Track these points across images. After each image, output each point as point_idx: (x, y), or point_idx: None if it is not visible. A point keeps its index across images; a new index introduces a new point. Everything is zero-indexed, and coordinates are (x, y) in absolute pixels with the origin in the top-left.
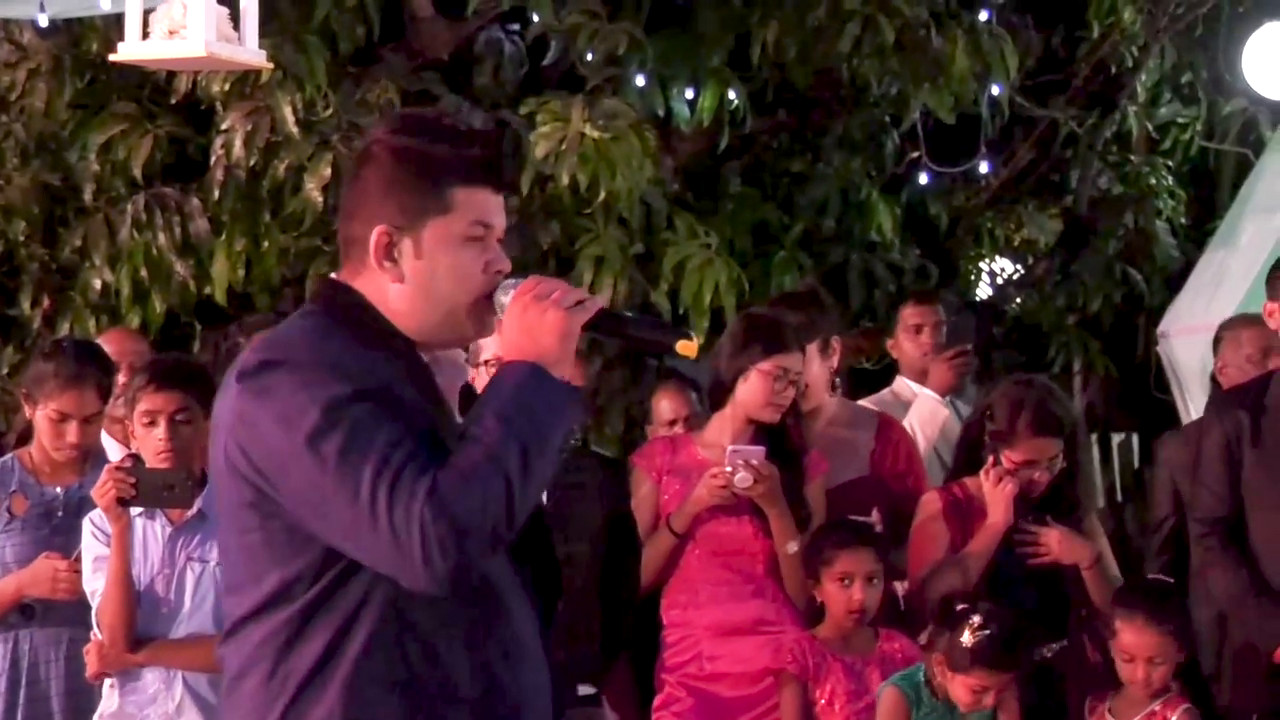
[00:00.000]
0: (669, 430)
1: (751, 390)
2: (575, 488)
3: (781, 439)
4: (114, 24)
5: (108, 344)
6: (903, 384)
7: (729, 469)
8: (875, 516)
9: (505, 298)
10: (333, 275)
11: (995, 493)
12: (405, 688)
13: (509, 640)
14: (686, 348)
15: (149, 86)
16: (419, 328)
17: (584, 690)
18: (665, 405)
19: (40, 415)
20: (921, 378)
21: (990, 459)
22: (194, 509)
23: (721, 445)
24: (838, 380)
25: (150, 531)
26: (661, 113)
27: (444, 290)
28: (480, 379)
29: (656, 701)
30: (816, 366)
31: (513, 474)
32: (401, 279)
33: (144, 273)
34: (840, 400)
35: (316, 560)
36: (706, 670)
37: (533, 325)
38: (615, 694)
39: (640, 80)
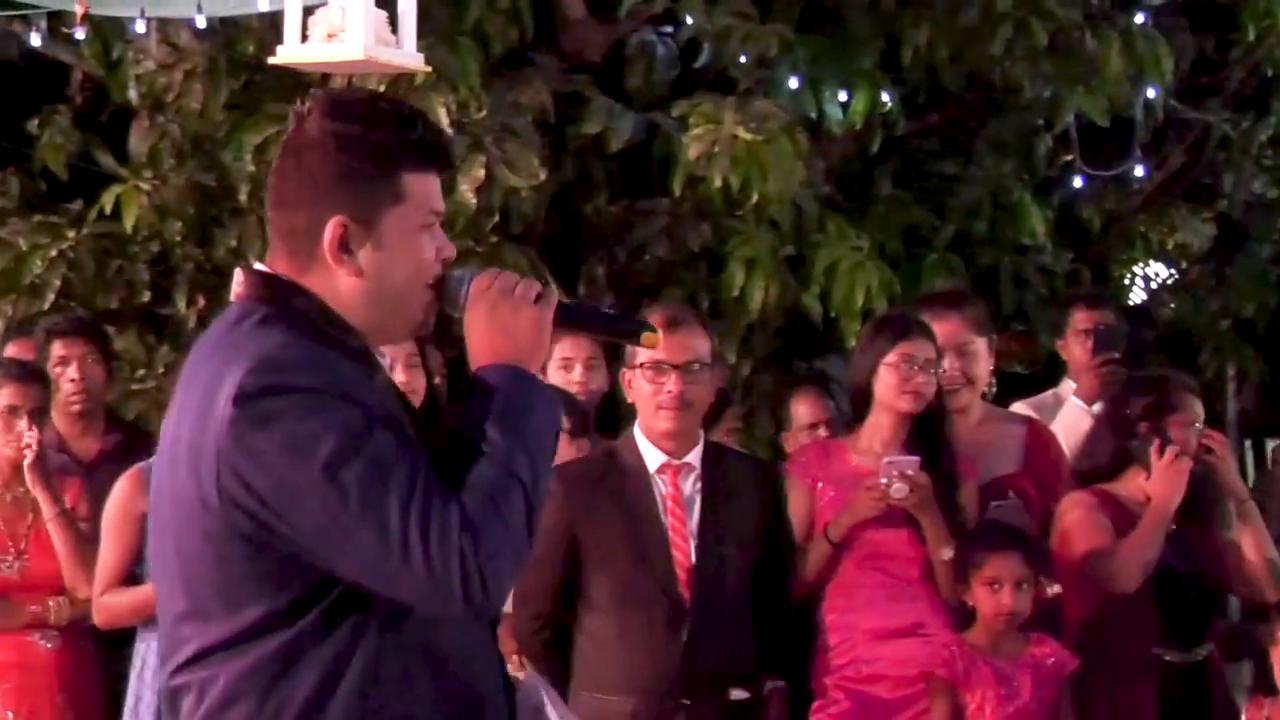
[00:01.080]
0: (808, 434)
1: (885, 384)
2: (730, 491)
3: (933, 443)
4: (269, 26)
5: None
6: (1068, 386)
7: (884, 480)
8: (1014, 502)
9: (462, 292)
10: (266, 270)
11: (1169, 470)
12: (403, 716)
13: (490, 663)
14: (650, 340)
15: (303, 88)
16: (372, 323)
17: (737, 694)
18: (803, 409)
19: None
20: None
21: (1156, 442)
22: None
23: (874, 451)
24: (992, 381)
25: None
26: (813, 115)
27: (400, 282)
28: (637, 382)
29: (815, 704)
30: (983, 363)
31: (527, 485)
32: (359, 273)
33: None
34: (986, 404)
35: (305, 592)
36: (864, 672)
37: (508, 323)
38: (770, 698)
39: (792, 82)
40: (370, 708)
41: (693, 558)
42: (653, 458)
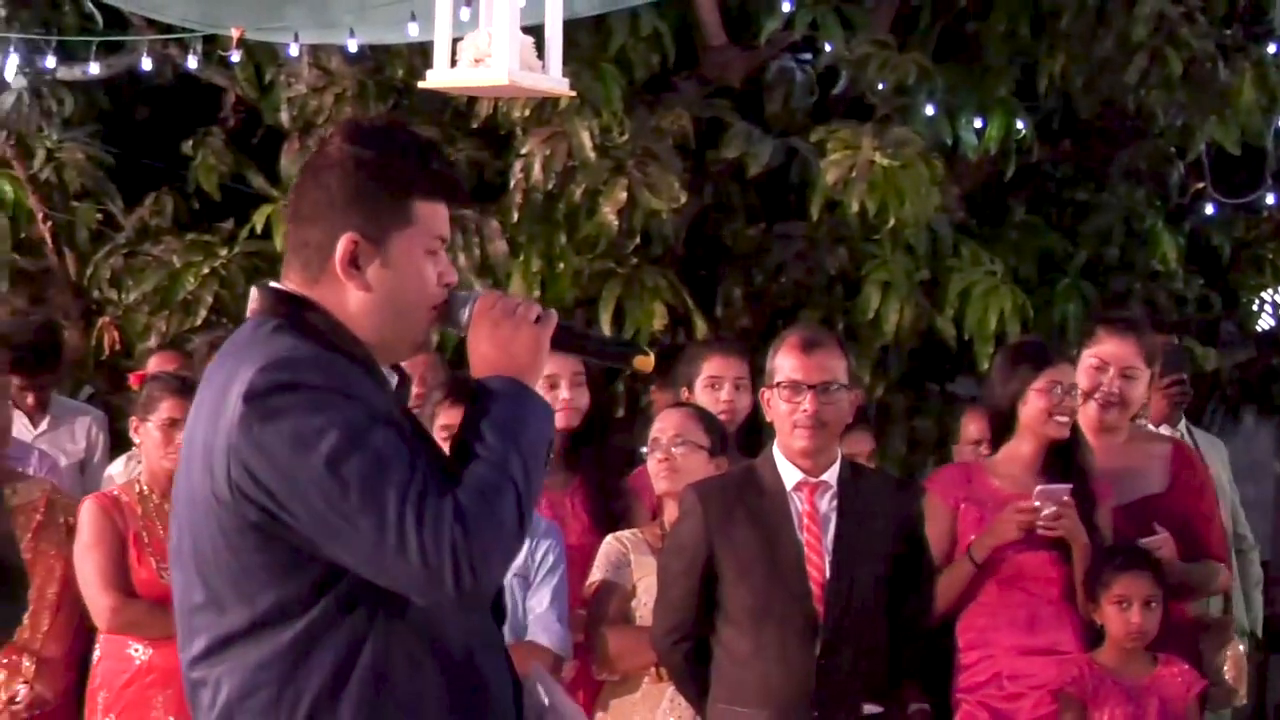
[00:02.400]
0: (974, 449)
1: (1032, 410)
2: (866, 510)
3: (1069, 466)
4: (417, 50)
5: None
6: None
7: (1036, 504)
8: (1163, 536)
9: (465, 312)
10: (277, 285)
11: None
12: (417, 701)
13: (494, 653)
14: (644, 363)
15: (450, 111)
16: (378, 338)
17: (870, 709)
18: (972, 426)
19: None
20: None
21: None
22: None
23: (1013, 475)
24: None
25: None
26: (948, 141)
27: (407, 300)
28: (775, 401)
29: None
30: (1140, 389)
31: (520, 487)
32: (367, 288)
33: None
34: (1133, 424)
35: (317, 581)
36: (1006, 690)
37: (507, 341)
38: (901, 715)
39: (928, 109)
40: (382, 693)
41: (827, 574)
42: (790, 476)
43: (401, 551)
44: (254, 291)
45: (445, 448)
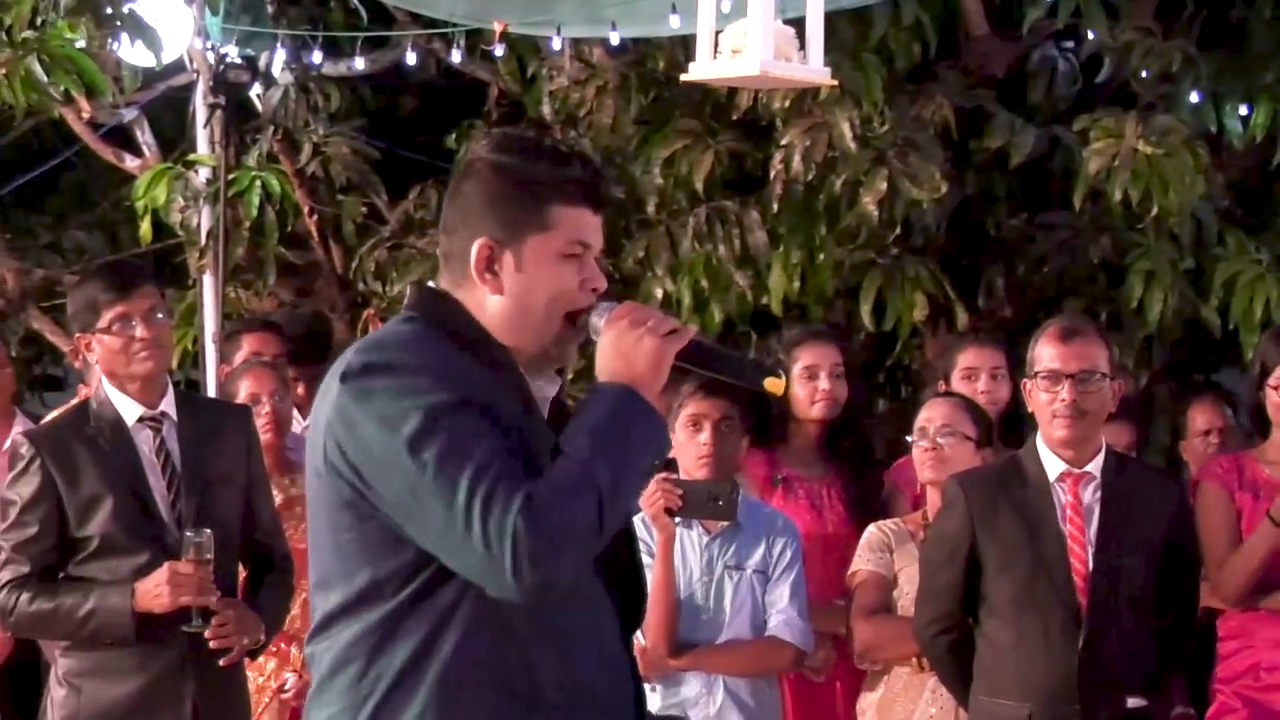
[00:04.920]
0: (1202, 441)
1: None
2: (1131, 501)
3: None
4: (678, 43)
5: None
6: None
7: None
8: None
9: (600, 320)
10: (430, 284)
11: None
12: (495, 691)
13: (597, 650)
14: (774, 385)
15: (710, 103)
16: (513, 340)
17: (1134, 703)
18: (1200, 417)
19: None
20: None
21: None
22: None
23: None
24: None
25: (688, 540)
26: (1213, 129)
27: (540, 304)
28: (1035, 392)
29: (1210, 711)
30: None
31: (604, 492)
32: (501, 291)
33: (704, 283)
34: None
35: (409, 561)
36: (1263, 681)
37: (629, 350)
38: (1165, 706)
39: (1193, 97)
40: (459, 681)
41: (1090, 565)
42: (1053, 466)
43: (467, 536)
44: (409, 289)
45: (692, 439)
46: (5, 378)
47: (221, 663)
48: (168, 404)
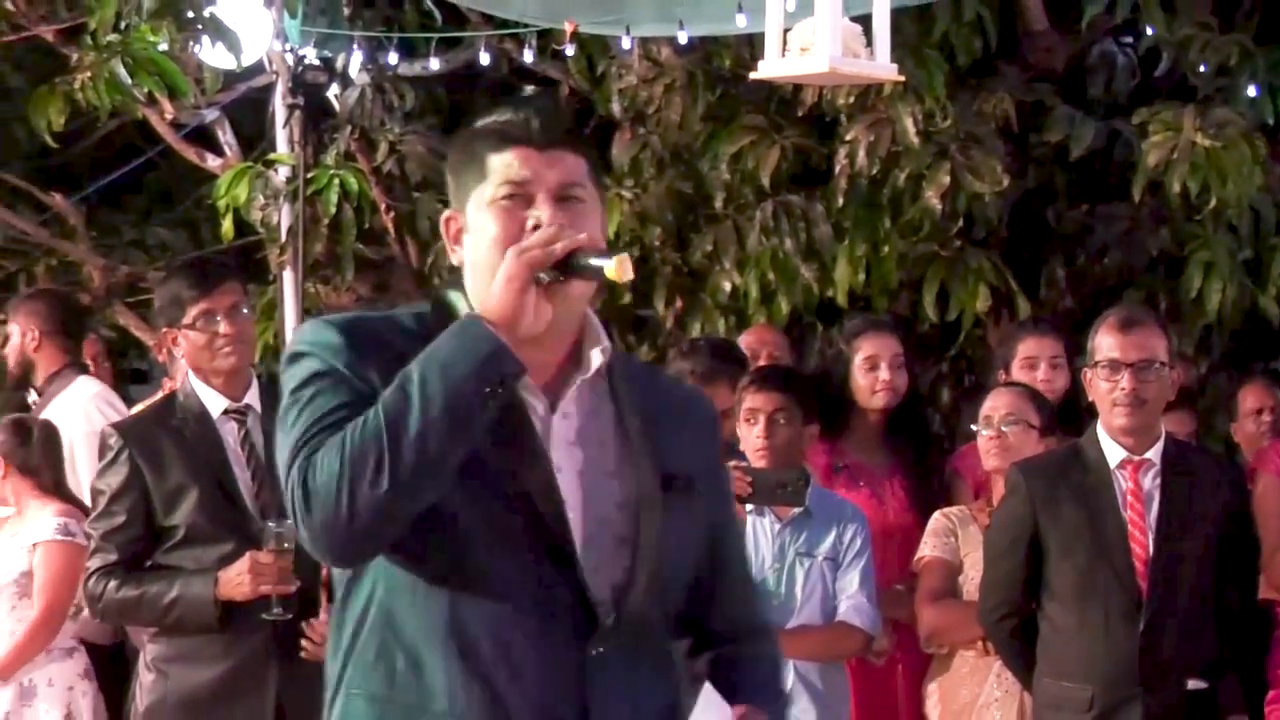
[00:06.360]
0: (1254, 420)
1: None
2: (1191, 487)
3: None
4: (744, 41)
5: (750, 336)
6: None
7: None
8: None
9: (605, 262)
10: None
11: None
12: (384, 701)
13: (511, 653)
14: (616, 272)
15: (776, 99)
16: (478, 304)
17: (1195, 685)
18: (1250, 398)
19: None
20: None
21: None
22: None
23: None
24: None
25: (760, 527)
26: (1271, 121)
27: (483, 258)
28: (1095, 380)
29: (1270, 695)
30: None
31: (384, 435)
32: (464, 259)
33: (771, 276)
34: None
35: None
36: None
37: (497, 275)
38: (1226, 689)
39: (1251, 90)
40: (356, 685)
41: (1150, 550)
42: (1113, 453)
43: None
44: None
45: (749, 431)
46: (104, 373)
47: (304, 654)
48: (252, 397)
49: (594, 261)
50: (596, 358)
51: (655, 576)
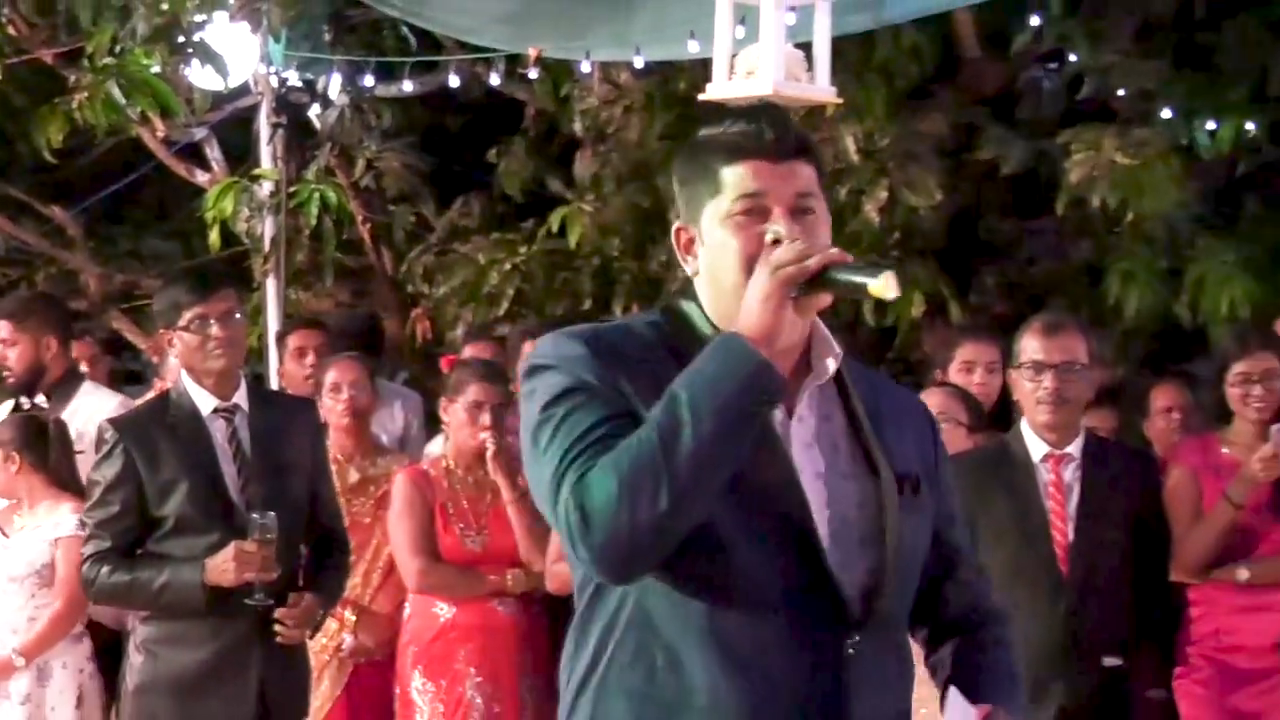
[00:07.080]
0: (1164, 418)
1: (1231, 394)
2: (1109, 479)
3: None
4: (699, 64)
5: None
6: None
7: (1273, 446)
8: None
9: (871, 280)
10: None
11: None
12: (642, 698)
13: (769, 650)
14: (881, 289)
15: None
16: (719, 315)
17: (1110, 662)
18: (1161, 398)
19: None
20: None
21: None
22: None
23: (1243, 444)
24: None
25: None
26: (1186, 142)
27: (723, 272)
28: (1020, 381)
29: (1178, 671)
30: None
31: (659, 456)
32: (699, 271)
33: None
34: None
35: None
36: (1225, 643)
37: (749, 293)
38: (1140, 667)
39: (1167, 113)
40: (616, 685)
41: (1070, 537)
42: (1037, 448)
43: (554, 518)
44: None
45: None
46: (99, 374)
47: (279, 638)
48: (240, 397)
49: (857, 278)
50: (830, 365)
51: (899, 574)
